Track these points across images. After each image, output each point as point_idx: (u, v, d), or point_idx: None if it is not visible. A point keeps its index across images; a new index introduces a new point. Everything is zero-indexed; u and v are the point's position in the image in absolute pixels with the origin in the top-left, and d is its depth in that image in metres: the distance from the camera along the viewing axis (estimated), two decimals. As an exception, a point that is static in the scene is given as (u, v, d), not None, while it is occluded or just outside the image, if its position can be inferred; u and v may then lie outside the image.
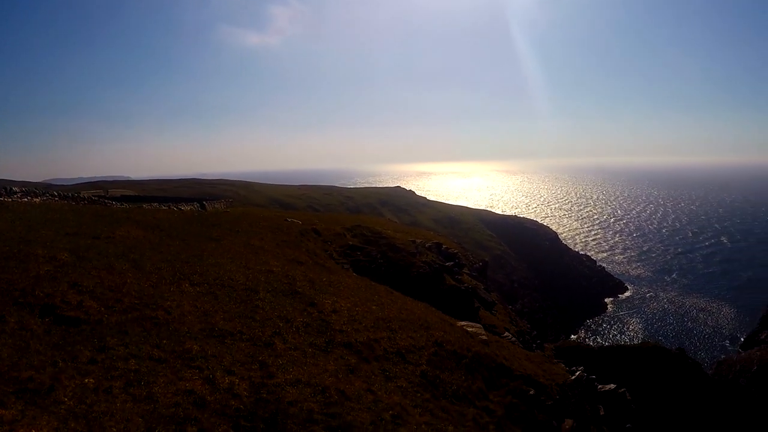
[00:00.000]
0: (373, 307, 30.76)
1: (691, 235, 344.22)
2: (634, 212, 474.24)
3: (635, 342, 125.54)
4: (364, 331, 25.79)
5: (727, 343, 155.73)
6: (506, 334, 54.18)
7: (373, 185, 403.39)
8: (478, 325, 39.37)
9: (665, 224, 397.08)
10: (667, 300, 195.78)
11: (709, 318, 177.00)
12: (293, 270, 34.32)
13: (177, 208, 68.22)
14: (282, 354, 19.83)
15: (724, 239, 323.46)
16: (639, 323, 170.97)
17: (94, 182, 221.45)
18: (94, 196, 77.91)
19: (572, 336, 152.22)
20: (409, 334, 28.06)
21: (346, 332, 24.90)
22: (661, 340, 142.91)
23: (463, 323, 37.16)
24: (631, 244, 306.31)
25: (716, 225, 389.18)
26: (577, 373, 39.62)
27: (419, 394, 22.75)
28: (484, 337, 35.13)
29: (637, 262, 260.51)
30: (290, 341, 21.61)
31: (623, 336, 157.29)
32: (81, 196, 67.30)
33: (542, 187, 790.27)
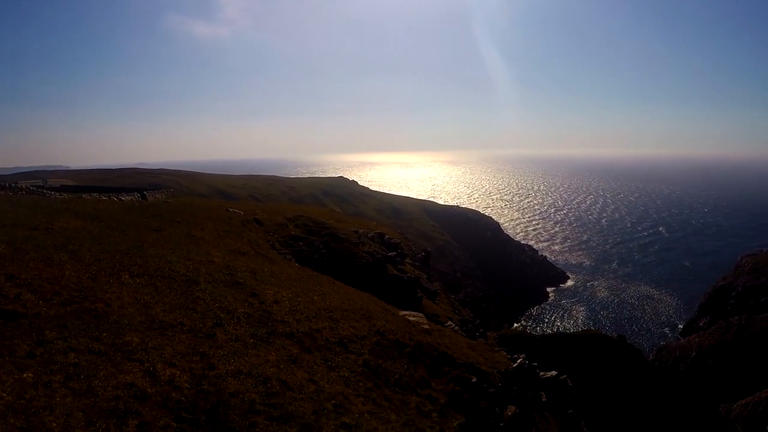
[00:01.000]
0: (315, 297, 30.81)
1: (630, 225, 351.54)
2: (574, 203, 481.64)
3: (577, 330, 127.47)
4: (306, 321, 25.83)
5: (666, 330, 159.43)
6: (449, 323, 54.59)
7: (316, 175, 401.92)
8: (421, 314, 39.66)
9: (605, 215, 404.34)
10: (608, 288, 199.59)
11: (649, 306, 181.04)
12: (235, 260, 34.17)
13: (117, 198, 67.30)
14: (223, 345, 19.81)
15: (662, 229, 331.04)
16: (581, 311, 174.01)
17: (33, 172, 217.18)
18: (32, 186, 76.40)
19: (515, 324, 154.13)
20: (352, 324, 28.21)
21: (287, 322, 24.90)
22: (602, 327, 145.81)
23: (405, 312, 37.41)
24: (572, 234, 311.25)
25: (654, 215, 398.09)
26: (519, 361, 40.16)
27: (362, 384, 22.93)
28: (426, 326, 35.42)
29: (578, 251, 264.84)
30: (231, 332, 21.57)
31: (565, 324, 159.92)
32: (18, 186, 66.00)
33: (484, 178, 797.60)
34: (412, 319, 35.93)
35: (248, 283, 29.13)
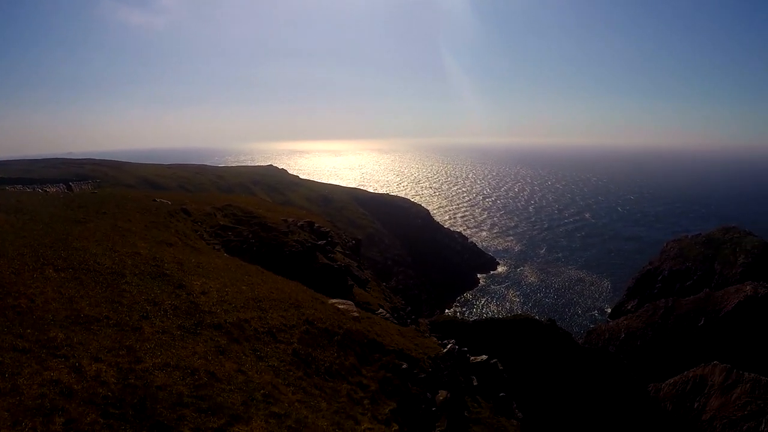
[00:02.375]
0: (244, 288, 30.73)
1: (557, 212, 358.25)
2: (502, 190, 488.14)
3: (508, 315, 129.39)
4: (234, 312, 25.78)
5: (596, 313, 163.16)
6: (380, 310, 54.91)
7: (245, 164, 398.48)
8: (350, 302, 39.86)
9: (533, 202, 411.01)
10: (538, 274, 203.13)
11: (579, 290, 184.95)
12: (161, 252, 33.81)
13: (42, 190, 66.00)
14: (150, 338, 19.68)
15: (588, 215, 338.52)
16: (511, 297, 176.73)
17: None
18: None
19: (447, 311, 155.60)
20: (280, 314, 28.26)
21: (215, 313, 24.81)
22: (533, 312, 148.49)
23: (334, 301, 37.57)
24: (500, 221, 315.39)
25: (581, 202, 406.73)
26: (449, 346, 40.68)
27: (291, 373, 23.06)
28: (355, 314, 35.66)
29: (507, 238, 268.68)
30: (158, 325, 21.42)
31: (497, 309, 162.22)
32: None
33: (412, 165, 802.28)
34: (342, 307, 36.12)
35: (175, 274, 28.87)
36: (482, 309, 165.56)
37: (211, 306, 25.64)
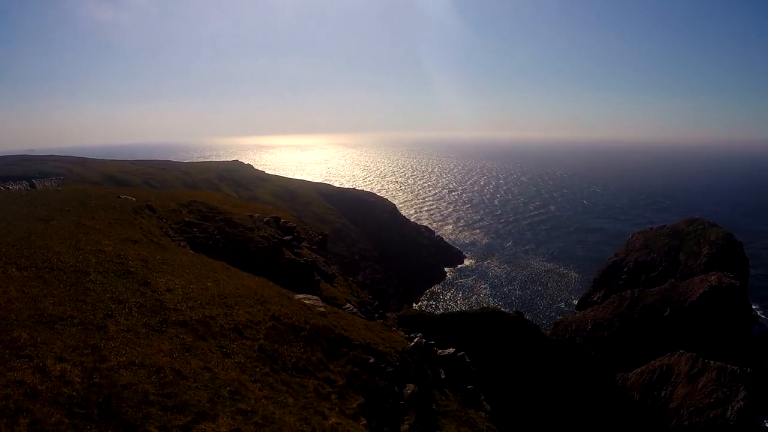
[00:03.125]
0: (209, 284, 30.64)
1: (522, 204, 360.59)
2: (468, 183, 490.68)
3: (476, 308, 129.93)
4: (199, 309, 25.71)
5: (562, 305, 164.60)
6: (347, 305, 55.05)
7: (210, 159, 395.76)
8: (316, 297, 39.92)
9: (498, 195, 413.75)
10: (504, 267, 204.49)
11: (545, 282, 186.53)
12: (126, 249, 33.56)
13: (4, 187, 65.23)
14: (115, 336, 19.56)
15: (552, 208, 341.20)
16: (479, 290, 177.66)
17: None
18: None
19: (415, 305, 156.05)
20: (246, 310, 28.23)
21: (180, 311, 24.73)
22: (500, 305, 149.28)
23: (301, 296, 37.60)
24: (466, 215, 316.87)
25: (545, 195, 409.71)
26: (416, 340, 40.87)
27: (258, 369, 23.09)
28: (322, 309, 35.71)
29: (473, 231, 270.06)
30: (123, 323, 21.29)
31: (464, 303, 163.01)
32: None
33: (378, 160, 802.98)
34: (308, 302, 36.16)
35: (140, 272, 28.70)
36: (450, 302, 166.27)
37: (177, 303, 25.53)
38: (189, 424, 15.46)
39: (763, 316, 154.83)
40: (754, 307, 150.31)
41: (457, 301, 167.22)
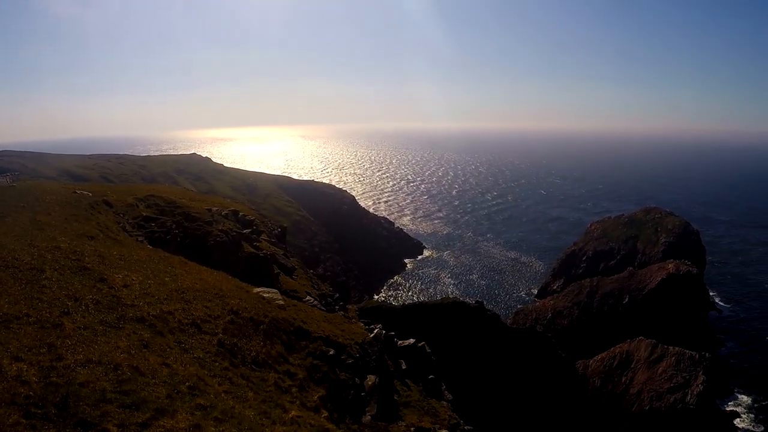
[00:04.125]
0: (167, 279, 30.45)
1: (479, 195, 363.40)
2: (426, 174, 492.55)
3: (437, 298, 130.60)
4: (157, 304, 25.54)
5: (523, 294, 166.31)
6: (307, 298, 55.04)
7: (168, 153, 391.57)
8: (275, 290, 39.82)
9: (456, 186, 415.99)
10: (464, 257, 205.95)
11: (505, 272, 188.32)
12: (82, 245, 33.15)
13: (-44, 184, 63.82)
14: (71, 334, 19.34)
15: (510, 198, 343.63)
16: (439, 280, 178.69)
17: None
18: None
19: (376, 296, 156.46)
20: (204, 304, 28.12)
21: (138, 306, 24.53)
22: (461, 294, 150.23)
23: (259, 289, 37.48)
24: (425, 206, 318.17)
25: (503, 185, 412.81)
26: (376, 331, 40.99)
27: (217, 364, 23.02)
28: (281, 302, 35.65)
29: (432, 222, 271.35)
30: (80, 320, 21.04)
31: (425, 293, 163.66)
32: None
33: (336, 152, 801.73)
34: (267, 295, 36.08)
35: (96, 268, 28.39)
36: (411, 293, 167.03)
37: (134, 299, 25.32)
38: (147, 421, 15.38)
39: (720, 303, 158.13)
40: (711, 293, 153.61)
41: (418, 292, 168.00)
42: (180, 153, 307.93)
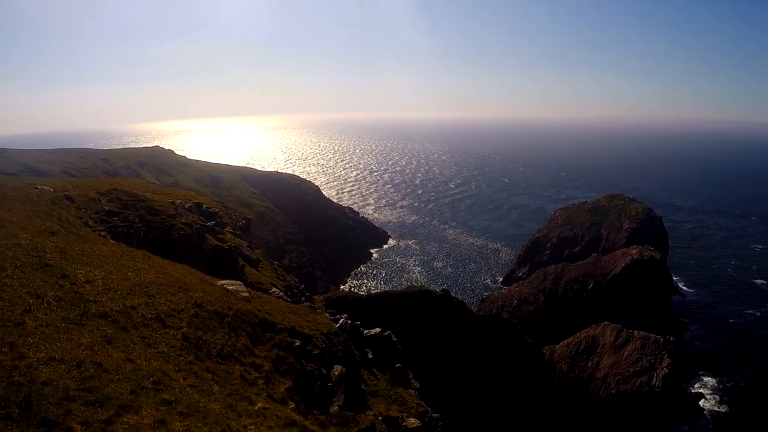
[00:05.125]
0: (130, 274, 30.23)
1: (443, 183, 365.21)
2: (389, 164, 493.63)
3: (403, 287, 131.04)
4: (120, 300, 25.39)
5: (488, 281, 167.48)
6: (273, 289, 54.98)
7: (130, 146, 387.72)
8: (239, 282, 39.78)
9: (419, 174, 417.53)
10: (429, 245, 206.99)
11: (471, 259, 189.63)
12: (44, 242, 32.78)
13: None
14: (33, 332, 19.17)
15: (473, 186, 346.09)
16: (405, 269, 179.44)
17: None
18: None
19: (342, 287, 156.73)
20: (168, 298, 28.02)
21: (100, 302, 24.36)
22: (427, 283, 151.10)
23: (223, 282, 37.41)
24: (389, 195, 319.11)
25: (466, 173, 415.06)
26: (341, 321, 41.06)
27: (182, 358, 22.98)
28: (245, 294, 35.62)
29: (397, 211, 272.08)
30: (42, 318, 20.84)
31: (391, 282, 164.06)
32: None
33: (300, 142, 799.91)
34: (231, 288, 36.03)
35: (58, 264, 28.09)
36: (377, 282, 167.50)
37: (96, 295, 25.13)
38: (112, 418, 15.35)
39: (683, 287, 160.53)
40: (674, 278, 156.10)
41: (384, 281, 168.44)
42: (143, 146, 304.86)
